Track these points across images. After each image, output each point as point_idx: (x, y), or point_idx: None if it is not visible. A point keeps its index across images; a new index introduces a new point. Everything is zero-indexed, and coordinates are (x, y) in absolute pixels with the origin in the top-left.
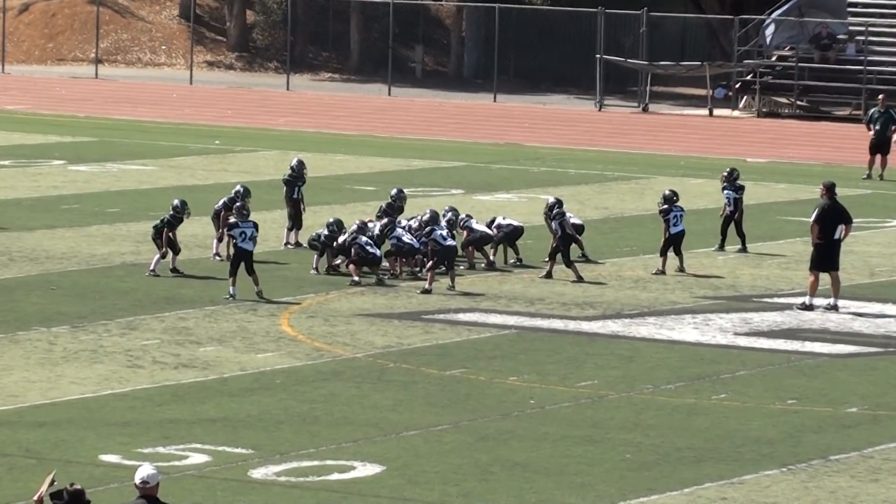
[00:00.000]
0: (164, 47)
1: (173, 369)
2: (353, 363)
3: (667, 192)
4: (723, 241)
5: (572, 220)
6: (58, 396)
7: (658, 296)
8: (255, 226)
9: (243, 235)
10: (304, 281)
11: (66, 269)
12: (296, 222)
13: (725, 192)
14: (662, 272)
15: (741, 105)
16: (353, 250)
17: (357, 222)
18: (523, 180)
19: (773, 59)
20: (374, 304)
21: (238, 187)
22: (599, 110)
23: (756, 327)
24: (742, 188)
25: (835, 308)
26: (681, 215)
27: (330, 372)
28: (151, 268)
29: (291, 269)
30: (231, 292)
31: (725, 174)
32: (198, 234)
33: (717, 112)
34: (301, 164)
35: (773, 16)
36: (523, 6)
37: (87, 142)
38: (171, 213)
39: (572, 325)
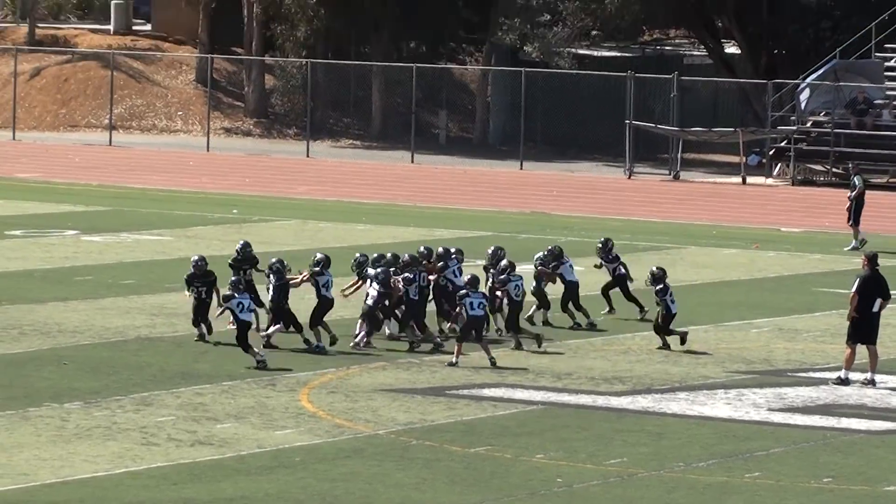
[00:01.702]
0: (180, 113)
1: (189, 447)
2: (375, 440)
3: (655, 270)
4: (609, 304)
5: (567, 278)
6: (70, 475)
7: (689, 370)
8: (253, 298)
9: (241, 307)
10: (323, 355)
11: (79, 342)
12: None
13: (604, 264)
14: (667, 347)
15: (775, 172)
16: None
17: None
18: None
19: (808, 124)
20: (397, 378)
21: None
22: (629, 178)
23: (790, 403)
24: (618, 257)
25: (872, 383)
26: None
27: (351, 449)
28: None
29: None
30: (260, 357)
31: (599, 246)
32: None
33: (750, 180)
34: (246, 245)
35: (808, 80)
36: (550, 70)
37: (100, 211)
38: (277, 279)
39: (601, 401)
